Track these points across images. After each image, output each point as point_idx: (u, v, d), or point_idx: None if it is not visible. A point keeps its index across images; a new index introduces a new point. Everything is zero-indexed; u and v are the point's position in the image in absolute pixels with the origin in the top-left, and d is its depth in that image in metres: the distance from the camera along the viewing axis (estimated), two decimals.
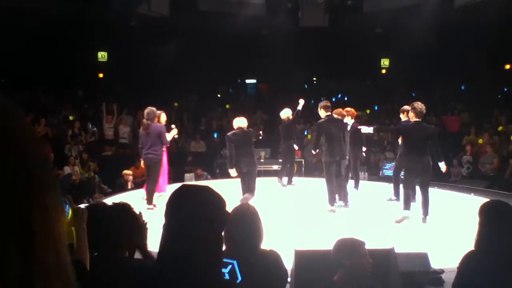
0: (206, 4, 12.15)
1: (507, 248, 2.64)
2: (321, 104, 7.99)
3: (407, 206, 7.24)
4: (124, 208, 2.40)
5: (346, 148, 7.93)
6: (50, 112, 13.46)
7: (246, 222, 2.58)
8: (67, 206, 2.19)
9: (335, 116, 8.00)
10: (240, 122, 8.04)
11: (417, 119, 7.09)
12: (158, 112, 8.62)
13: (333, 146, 7.64)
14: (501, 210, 2.83)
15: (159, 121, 8.21)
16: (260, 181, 11.22)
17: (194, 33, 15.45)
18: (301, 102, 9.78)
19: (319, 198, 8.35)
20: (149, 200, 7.85)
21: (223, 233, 1.59)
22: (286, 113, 9.98)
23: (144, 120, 8.01)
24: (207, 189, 1.57)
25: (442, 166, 7.40)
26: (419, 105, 7.09)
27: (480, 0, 10.43)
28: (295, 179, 10.68)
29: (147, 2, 11.01)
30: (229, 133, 8.02)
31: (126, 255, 2.33)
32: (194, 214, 1.50)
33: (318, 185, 9.31)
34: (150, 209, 7.45)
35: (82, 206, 2.43)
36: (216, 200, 1.55)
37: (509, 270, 2.60)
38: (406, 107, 8.09)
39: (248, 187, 7.94)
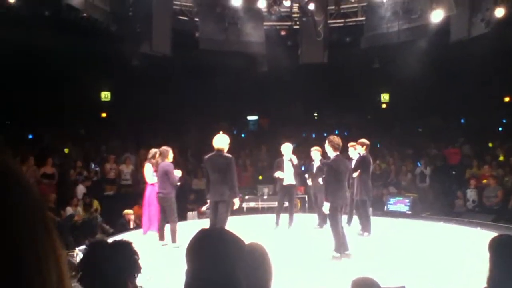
0: (206, 43, 12.38)
1: None
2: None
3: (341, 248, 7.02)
4: (125, 245, 2.35)
5: None
6: (53, 152, 13.48)
7: (256, 261, 2.52)
8: None
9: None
10: (219, 142, 7.17)
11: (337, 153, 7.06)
12: (154, 150, 8.59)
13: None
14: (511, 245, 2.79)
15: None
16: (262, 218, 11.19)
17: (196, 71, 15.70)
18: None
19: (322, 235, 8.24)
20: (173, 238, 7.80)
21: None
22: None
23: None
24: (224, 231, 1.57)
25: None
26: (335, 138, 7.13)
27: (476, 36, 10.62)
28: (298, 215, 10.58)
29: (149, 42, 11.23)
30: (206, 156, 7.32)
31: None
32: (215, 258, 1.49)
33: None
34: (176, 248, 7.39)
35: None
36: (235, 242, 1.55)
37: None
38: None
39: (219, 221, 7.02)
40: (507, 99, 18.00)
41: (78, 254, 6.81)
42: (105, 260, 2.20)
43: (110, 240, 2.46)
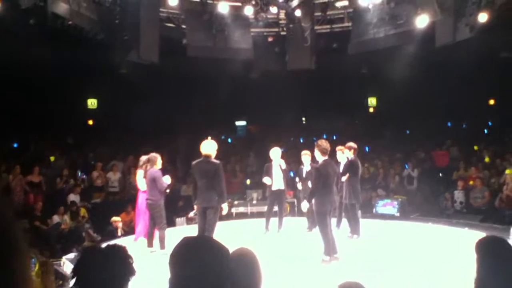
0: (194, 50, 12.38)
1: (507, 285, 2.62)
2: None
3: (330, 251, 7.04)
4: (119, 249, 2.33)
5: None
6: (39, 160, 13.34)
7: (245, 266, 2.52)
8: (33, 259, 2.17)
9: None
10: (206, 148, 7.16)
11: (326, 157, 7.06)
12: (145, 157, 8.51)
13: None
14: (497, 247, 2.81)
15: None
16: (252, 223, 11.18)
17: (184, 78, 15.68)
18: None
19: (311, 238, 8.26)
20: (161, 245, 7.77)
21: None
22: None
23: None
24: (208, 239, 1.57)
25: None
26: (323, 143, 7.12)
27: (461, 40, 10.77)
28: (288, 219, 10.59)
29: (136, 50, 11.19)
30: (193, 162, 7.30)
31: None
32: (199, 267, 1.49)
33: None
34: (165, 255, 7.32)
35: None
36: (219, 250, 1.54)
37: None
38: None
39: (207, 227, 7.00)
40: (492, 102, 18.26)
41: (65, 262, 6.74)
42: (99, 265, 2.18)
43: (103, 245, 2.43)
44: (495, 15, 10.02)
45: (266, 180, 9.71)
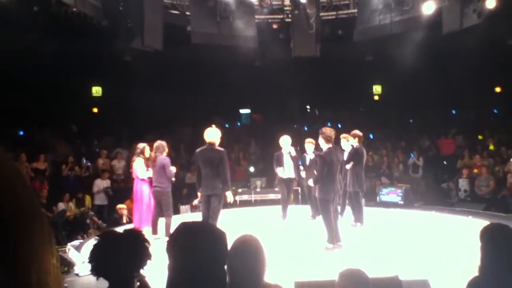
0: (198, 37, 12.32)
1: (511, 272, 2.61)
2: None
3: (333, 239, 7.05)
4: (136, 234, 2.36)
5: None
6: (45, 148, 13.41)
7: (250, 254, 2.53)
8: None
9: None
10: (210, 136, 7.13)
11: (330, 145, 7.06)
12: (142, 145, 8.42)
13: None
14: (502, 234, 2.81)
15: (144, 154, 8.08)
16: (255, 211, 11.22)
17: (188, 66, 15.64)
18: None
19: (315, 226, 8.28)
20: (167, 232, 7.75)
21: (226, 267, 1.57)
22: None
23: (152, 153, 8.04)
24: (205, 225, 1.57)
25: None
26: (327, 130, 7.10)
27: (467, 27, 10.65)
28: (292, 207, 10.60)
29: (140, 37, 11.15)
30: (197, 150, 7.30)
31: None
32: (197, 252, 1.49)
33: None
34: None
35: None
36: (216, 235, 1.55)
37: None
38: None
39: (211, 215, 7.01)
40: (498, 89, 18.12)
41: (70, 249, 6.79)
42: (117, 250, 2.20)
43: (120, 230, 2.45)
44: (503, 1, 9.89)
45: (279, 171, 9.59)
